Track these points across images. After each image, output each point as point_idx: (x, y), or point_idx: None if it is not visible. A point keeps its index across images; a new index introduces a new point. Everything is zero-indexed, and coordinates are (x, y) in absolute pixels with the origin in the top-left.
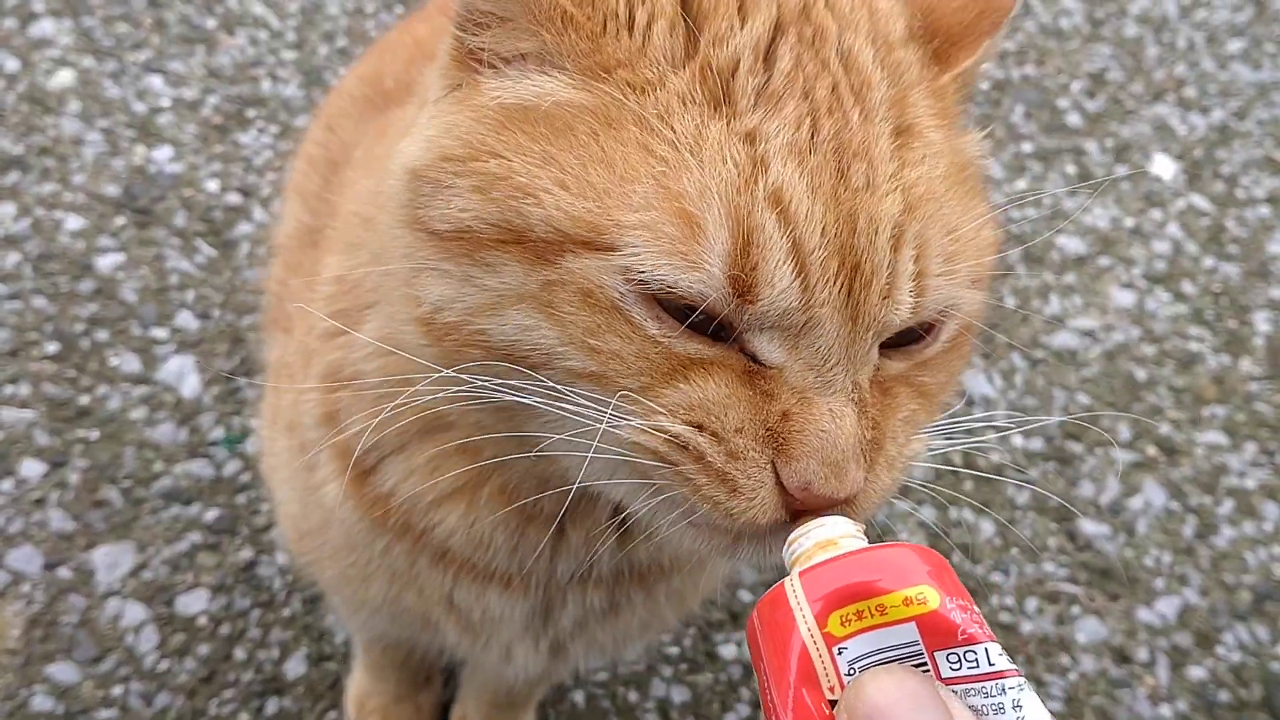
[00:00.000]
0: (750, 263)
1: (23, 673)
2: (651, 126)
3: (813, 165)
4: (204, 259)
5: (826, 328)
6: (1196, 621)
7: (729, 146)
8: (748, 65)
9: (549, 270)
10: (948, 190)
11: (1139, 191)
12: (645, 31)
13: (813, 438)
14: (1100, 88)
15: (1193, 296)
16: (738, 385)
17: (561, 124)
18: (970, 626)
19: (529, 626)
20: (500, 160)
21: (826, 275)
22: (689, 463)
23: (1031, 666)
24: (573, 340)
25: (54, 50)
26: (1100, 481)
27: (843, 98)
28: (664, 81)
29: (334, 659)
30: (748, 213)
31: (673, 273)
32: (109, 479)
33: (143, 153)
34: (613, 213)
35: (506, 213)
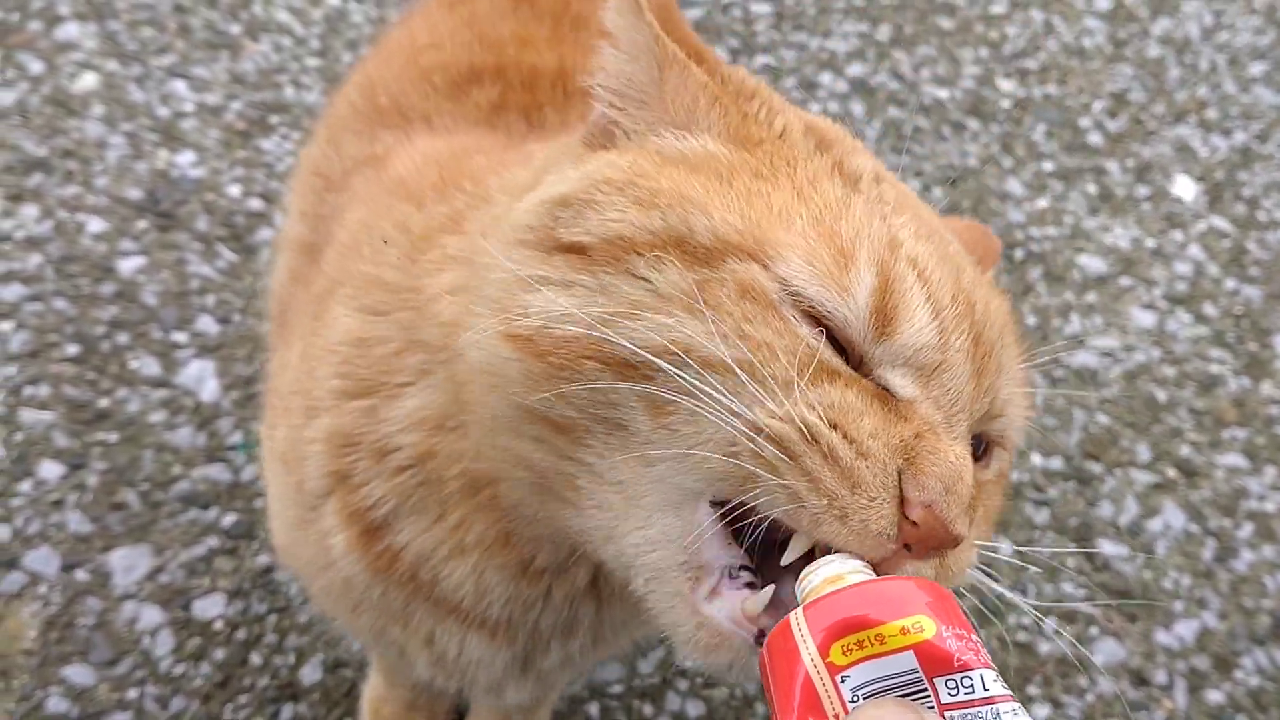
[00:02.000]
0: (892, 302)
1: (38, 674)
2: (803, 188)
3: (937, 254)
4: (225, 264)
5: (957, 371)
6: (1215, 645)
7: (872, 212)
8: (869, 179)
9: (707, 270)
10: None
11: (1160, 212)
12: (784, 131)
13: (942, 462)
14: (1122, 108)
15: (1214, 318)
16: (873, 400)
17: (720, 171)
18: (965, 654)
19: (509, 671)
20: (668, 180)
21: (960, 328)
22: (814, 457)
23: (1049, 688)
24: (723, 333)
25: (79, 53)
26: (1120, 502)
27: (937, 230)
28: (808, 160)
29: (350, 665)
30: (891, 262)
31: (823, 292)
32: (127, 482)
33: (165, 157)
34: (774, 232)
35: (670, 220)
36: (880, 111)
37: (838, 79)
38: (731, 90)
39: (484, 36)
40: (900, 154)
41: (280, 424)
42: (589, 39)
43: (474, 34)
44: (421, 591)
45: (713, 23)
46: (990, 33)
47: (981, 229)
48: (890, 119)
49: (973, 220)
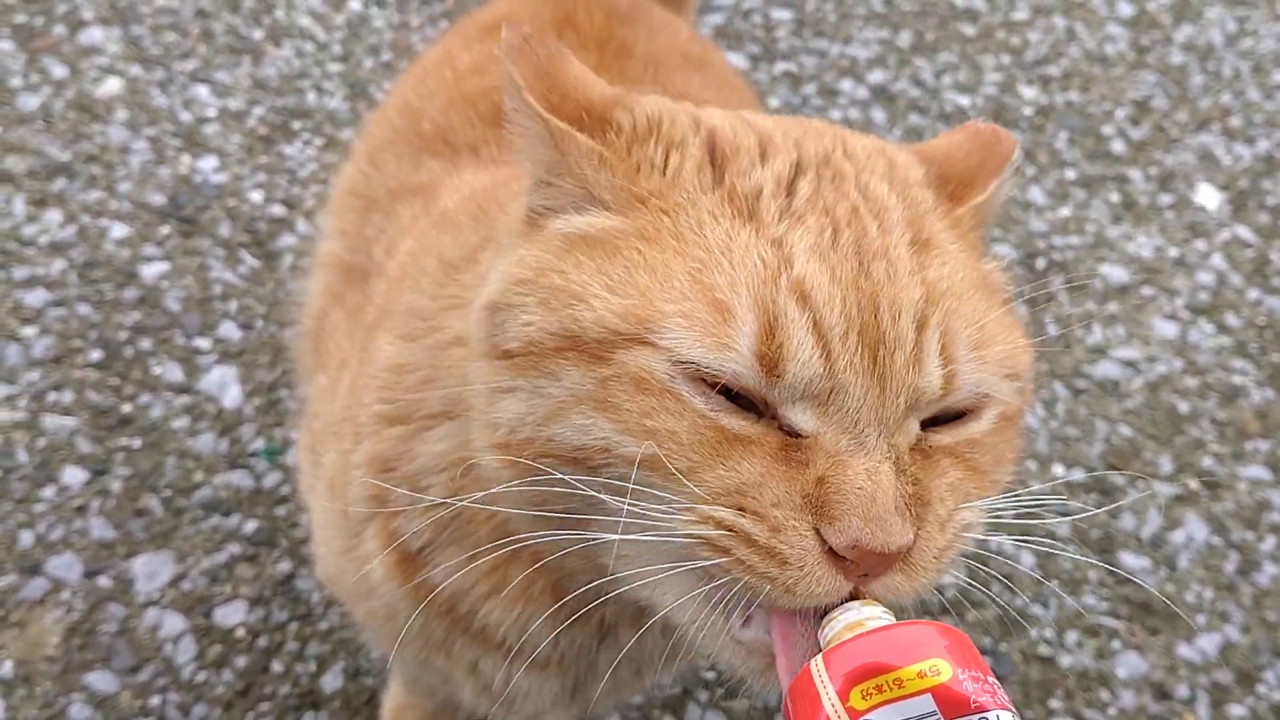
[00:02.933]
0: (776, 342)
1: (61, 680)
2: (685, 237)
3: (834, 261)
4: (247, 270)
5: (852, 391)
6: (1237, 659)
7: (757, 248)
8: (770, 190)
9: (603, 367)
10: (971, 290)
11: (1183, 221)
12: (676, 171)
13: (850, 495)
14: (1144, 115)
15: (1237, 329)
16: (772, 462)
17: (611, 245)
18: (981, 696)
19: (557, 701)
20: (560, 274)
21: (848, 346)
22: (740, 546)
23: (1070, 701)
24: (629, 428)
25: (102, 58)
26: (1142, 515)
27: (862, 216)
28: (695, 202)
29: (371, 673)
30: (772, 300)
31: (707, 354)
32: (150, 488)
33: (188, 162)
34: (654, 304)
35: (564, 319)
36: (901, 119)
37: (859, 86)
38: (622, 144)
39: None
40: None
41: (330, 450)
42: (634, 68)
43: None
44: (460, 624)
45: (733, 29)
46: (1012, 39)
47: (989, 133)
48: (911, 126)
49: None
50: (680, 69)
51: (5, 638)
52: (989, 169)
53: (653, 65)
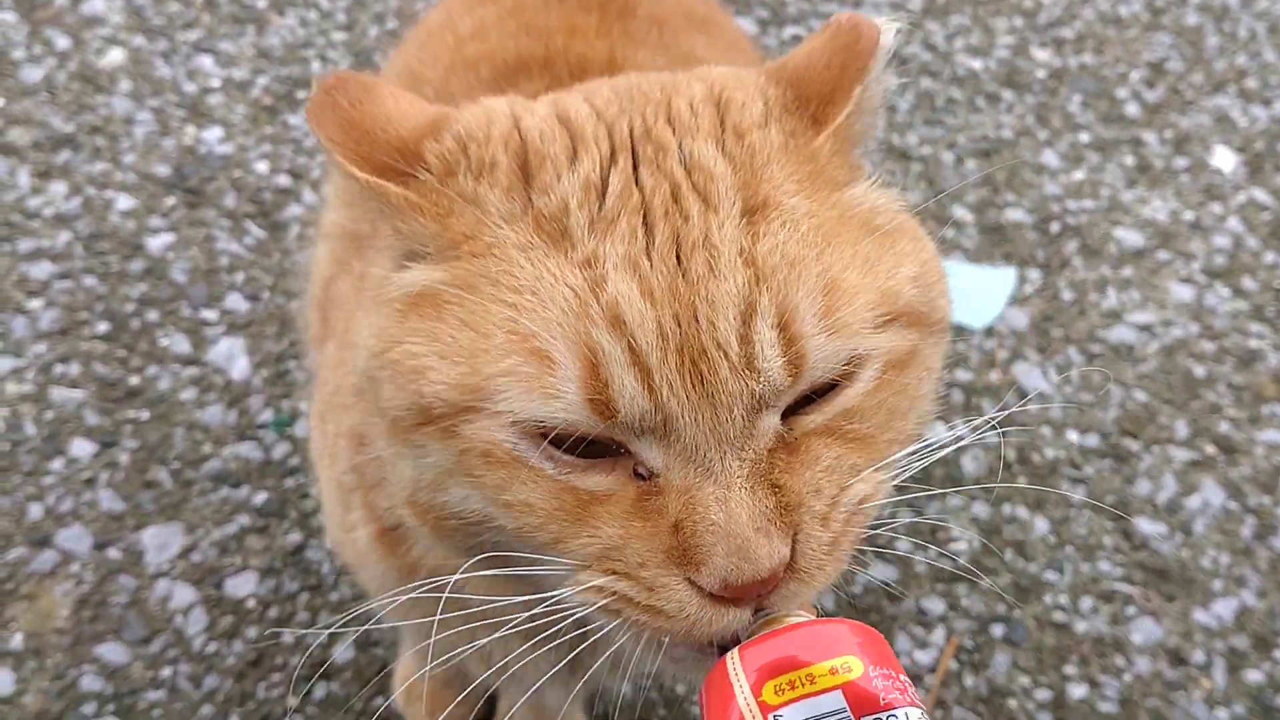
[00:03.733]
0: (601, 381)
1: (72, 652)
2: (498, 281)
3: (647, 269)
4: (253, 240)
5: (684, 420)
6: (1254, 624)
7: (566, 276)
8: (577, 201)
9: (456, 440)
10: (818, 248)
11: (1199, 184)
12: (484, 202)
13: (705, 535)
14: (1159, 77)
15: (1253, 292)
16: (629, 520)
17: (437, 302)
18: (890, 694)
19: (557, 676)
20: (401, 347)
21: (667, 371)
22: (626, 607)
23: (1086, 667)
24: (492, 500)
25: (105, 29)
26: (1157, 480)
27: (683, 198)
28: (502, 240)
29: (382, 644)
30: (587, 334)
31: (538, 408)
32: (159, 460)
33: (193, 133)
34: (481, 368)
35: (411, 396)
36: (913, 83)
37: None
38: (433, 182)
39: (530, 25)
40: (933, 126)
41: (330, 419)
42: (638, 28)
43: (519, 23)
44: (449, 600)
45: None
46: (1025, 1)
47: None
48: (923, 90)
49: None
50: (685, 30)
51: (15, 610)
52: (850, 76)
53: (656, 26)
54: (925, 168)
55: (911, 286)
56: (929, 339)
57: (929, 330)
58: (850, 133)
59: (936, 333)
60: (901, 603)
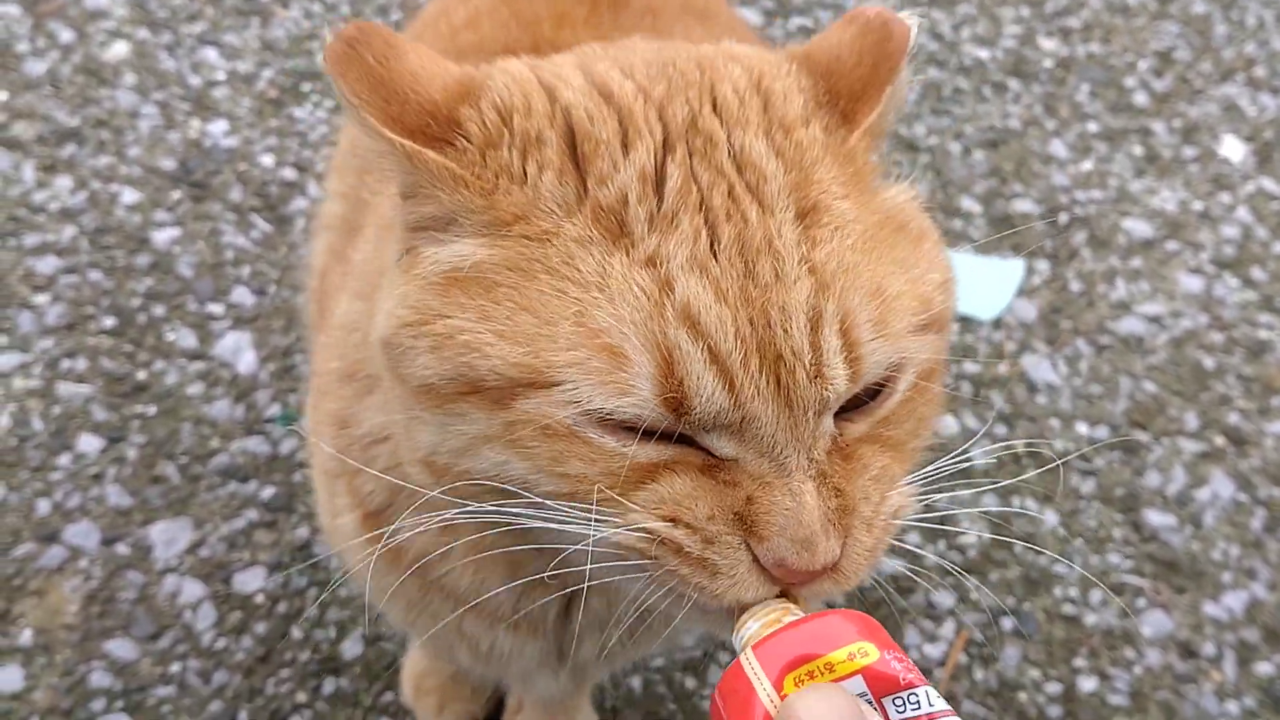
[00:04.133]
0: (676, 379)
1: (81, 648)
2: (559, 272)
3: (717, 273)
4: (259, 234)
5: (763, 420)
6: (1265, 616)
7: (633, 276)
8: (636, 195)
9: (507, 413)
10: (866, 255)
11: (1207, 174)
12: (535, 184)
13: (778, 517)
14: (1167, 66)
15: (1263, 283)
16: (701, 478)
17: (488, 283)
18: (908, 674)
19: (544, 662)
20: (445, 321)
21: (750, 373)
22: (669, 555)
23: (1095, 660)
24: (541, 469)
25: (109, 22)
26: (1167, 471)
27: (739, 199)
28: (560, 229)
29: (390, 639)
30: (663, 334)
31: (608, 401)
32: (166, 455)
33: (198, 126)
34: (545, 355)
35: (459, 368)
36: (920, 73)
37: None
38: (475, 153)
39: (520, 14)
40: (940, 116)
41: (319, 405)
42: (629, 17)
43: (510, 11)
44: (434, 584)
45: None
46: None
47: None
48: (930, 80)
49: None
50: (680, 18)
51: (24, 606)
52: (881, 75)
53: (650, 14)
54: (932, 158)
55: (940, 294)
56: (946, 342)
57: (946, 333)
58: (880, 132)
59: (949, 334)
60: (911, 596)
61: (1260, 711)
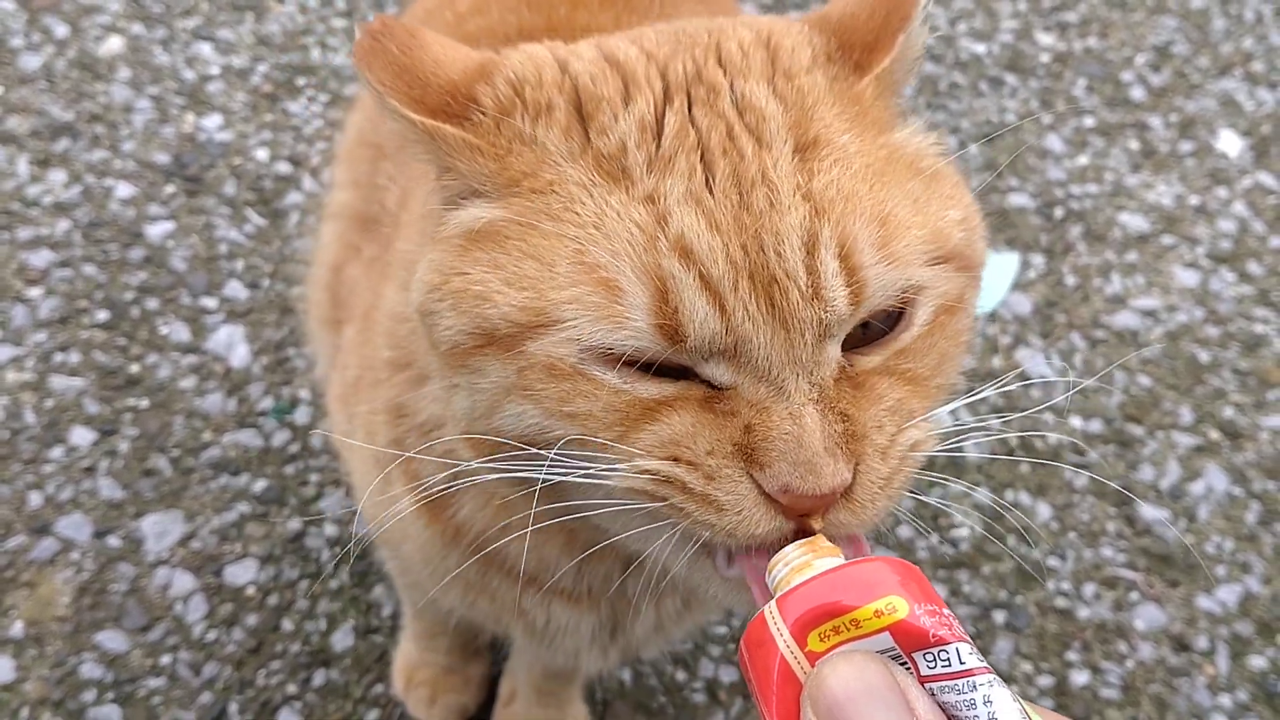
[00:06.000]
0: (670, 308)
1: (72, 640)
2: (559, 217)
3: (711, 205)
4: (253, 228)
5: (756, 341)
6: (1258, 610)
7: (630, 211)
8: (635, 141)
9: (518, 359)
10: (870, 184)
11: (1204, 168)
12: (543, 142)
13: (778, 441)
14: (1165, 61)
15: (1259, 277)
16: (700, 413)
17: (499, 236)
18: (940, 629)
19: (595, 637)
20: (463, 276)
21: (741, 296)
22: (676, 494)
23: (1088, 653)
24: (551, 412)
25: (104, 16)
26: (1161, 465)
27: (737, 137)
28: (564, 177)
29: (381, 631)
30: (656, 264)
31: (607, 335)
32: (158, 448)
33: (192, 121)
34: (547, 294)
35: (475, 319)
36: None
37: None
38: (489, 124)
39: None
40: (936, 110)
41: (363, 399)
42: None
43: None
44: (494, 562)
45: None
46: None
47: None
48: (926, 75)
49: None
50: (685, 1)
51: (16, 598)
52: (893, 24)
53: None
54: None
55: (959, 229)
56: (972, 284)
57: (972, 274)
58: (892, 80)
59: (976, 277)
60: None
61: (1253, 705)
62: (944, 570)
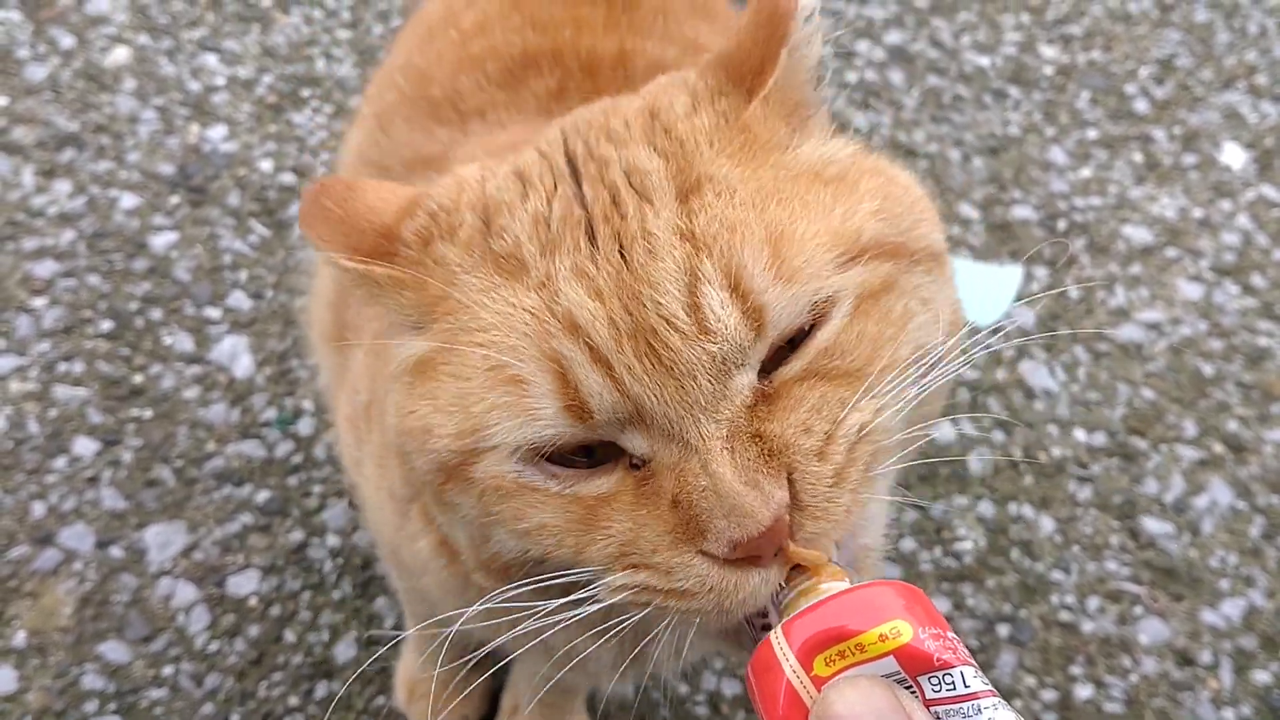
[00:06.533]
0: (570, 387)
1: (74, 651)
2: (468, 328)
3: (594, 273)
4: (257, 239)
5: (650, 399)
6: (1262, 624)
7: (523, 301)
8: (528, 234)
9: (472, 485)
10: (758, 209)
11: (1208, 181)
12: (447, 260)
13: (700, 502)
14: (1169, 74)
15: (1263, 290)
16: (634, 508)
17: (430, 366)
18: (944, 653)
19: (615, 665)
20: (412, 414)
21: (624, 358)
22: (655, 596)
23: (1092, 668)
24: (514, 532)
25: (110, 27)
26: (1165, 479)
27: (622, 201)
28: (469, 287)
29: (383, 643)
30: (550, 347)
31: (524, 430)
32: (161, 458)
33: (197, 131)
34: (470, 410)
35: (430, 457)
36: (919, 79)
37: (875, 47)
38: (413, 256)
39: (535, 19)
40: (940, 123)
41: (375, 427)
42: (643, 19)
43: (524, 16)
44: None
45: None
46: None
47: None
48: (930, 87)
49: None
50: (689, 18)
51: (18, 608)
52: (775, 43)
53: (661, 15)
54: (932, 165)
55: (874, 220)
56: (912, 269)
57: (909, 259)
58: (784, 97)
59: (921, 261)
60: None
61: None
62: (947, 583)
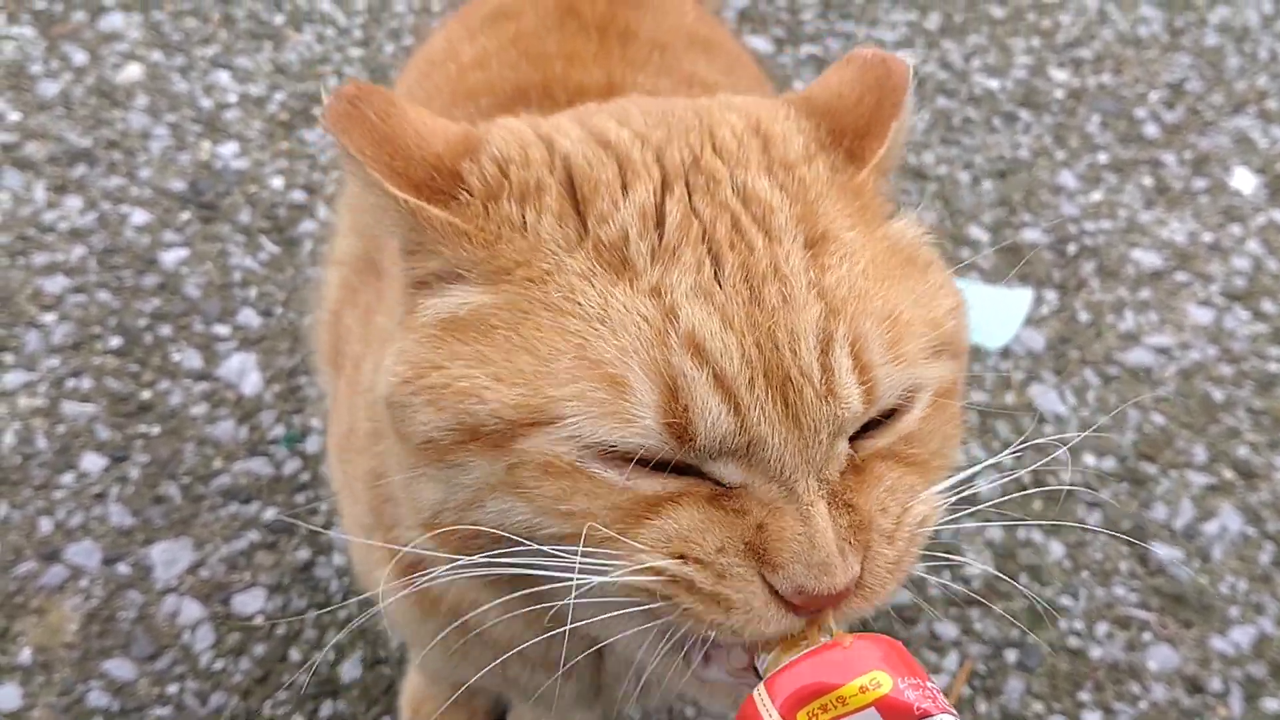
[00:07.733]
0: (680, 406)
1: (79, 667)
2: (559, 307)
3: (722, 299)
4: (267, 256)
5: (771, 442)
6: (1272, 652)
7: (636, 305)
8: (637, 231)
9: (508, 456)
10: (876, 282)
11: (1218, 205)
12: (535, 229)
13: (791, 543)
14: (1179, 98)
15: (1273, 315)
16: (709, 509)
17: (484, 325)
18: (923, 702)
19: (579, 701)
20: (441, 370)
21: (755, 394)
22: (682, 594)
23: (1100, 694)
24: (545, 510)
25: (123, 44)
26: (1174, 504)
27: (745, 230)
28: (561, 266)
29: (389, 663)
30: (666, 361)
31: (611, 433)
32: (169, 475)
33: (209, 148)
34: (544, 391)
35: (458, 416)
36: (929, 102)
37: None
38: (476, 206)
39: (529, 53)
40: (950, 145)
41: (351, 458)
42: (638, 53)
43: (519, 51)
44: (471, 630)
45: (757, 12)
46: (1043, 21)
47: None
48: (940, 109)
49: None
50: (687, 51)
51: (24, 625)
52: (886, 111)
53: (658, 49)
54: (941, 187)
55: (951, 319)
56: (962, 369)
57: (962, 360)
58: (885, 169)
59: (966, 362)
60: (914, 627)
61: None
62: (955, 608)
